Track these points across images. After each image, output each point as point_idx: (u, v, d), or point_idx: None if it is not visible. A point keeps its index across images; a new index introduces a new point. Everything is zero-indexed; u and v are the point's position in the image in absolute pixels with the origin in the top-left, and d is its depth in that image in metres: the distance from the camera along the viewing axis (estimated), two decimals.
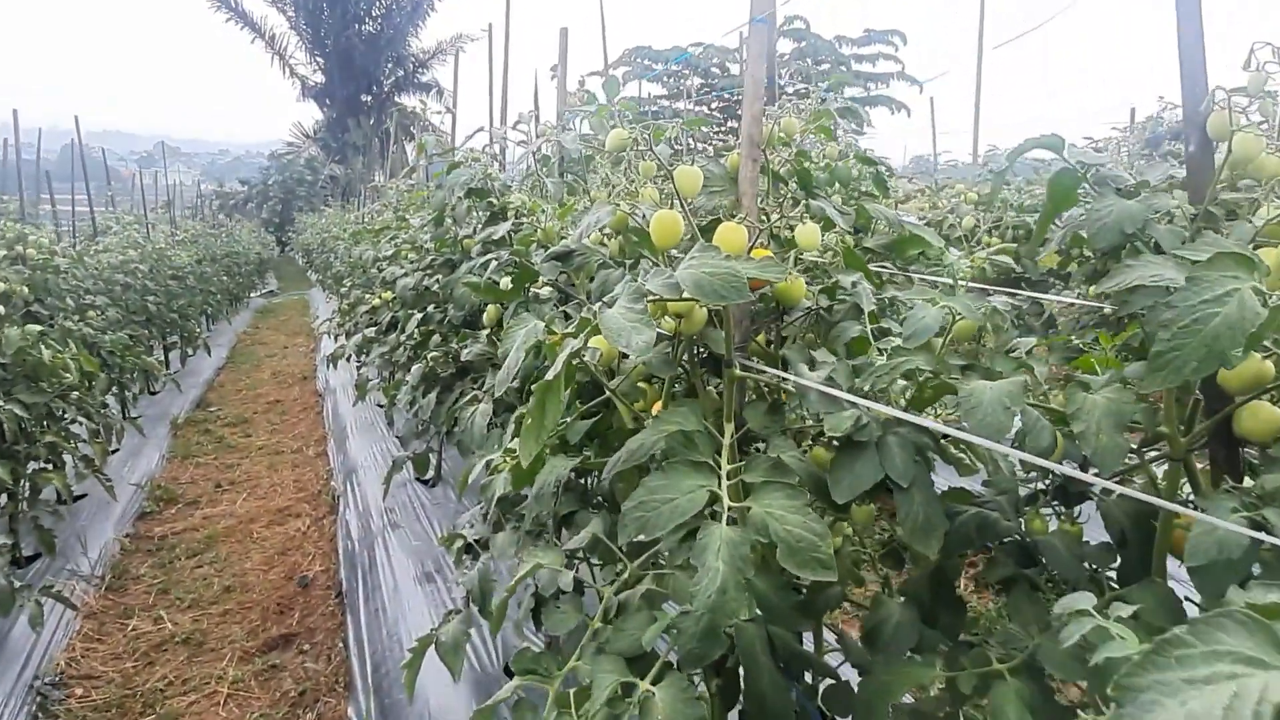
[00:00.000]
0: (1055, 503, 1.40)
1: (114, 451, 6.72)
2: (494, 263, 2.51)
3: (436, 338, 4.10)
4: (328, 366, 7.89)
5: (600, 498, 1.98)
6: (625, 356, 1.57)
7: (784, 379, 1.29)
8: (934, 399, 1.29)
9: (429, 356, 4.00)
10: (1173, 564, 1.35)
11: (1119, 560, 1.29)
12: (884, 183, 2.23)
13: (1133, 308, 1.22)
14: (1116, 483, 1.23)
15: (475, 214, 3.21)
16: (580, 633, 1.36)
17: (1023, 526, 1.36)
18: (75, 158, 8.46)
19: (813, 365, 1.38)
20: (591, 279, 1.69)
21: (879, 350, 1.32)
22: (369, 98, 33.89)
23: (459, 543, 2.57)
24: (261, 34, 32.77)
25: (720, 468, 1.18)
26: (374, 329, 5.49)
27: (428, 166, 5.14)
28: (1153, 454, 1.29)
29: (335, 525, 5.23)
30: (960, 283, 1.29)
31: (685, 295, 1.13)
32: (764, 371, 1.33)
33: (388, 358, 5.08)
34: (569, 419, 1.74)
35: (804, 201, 1.52)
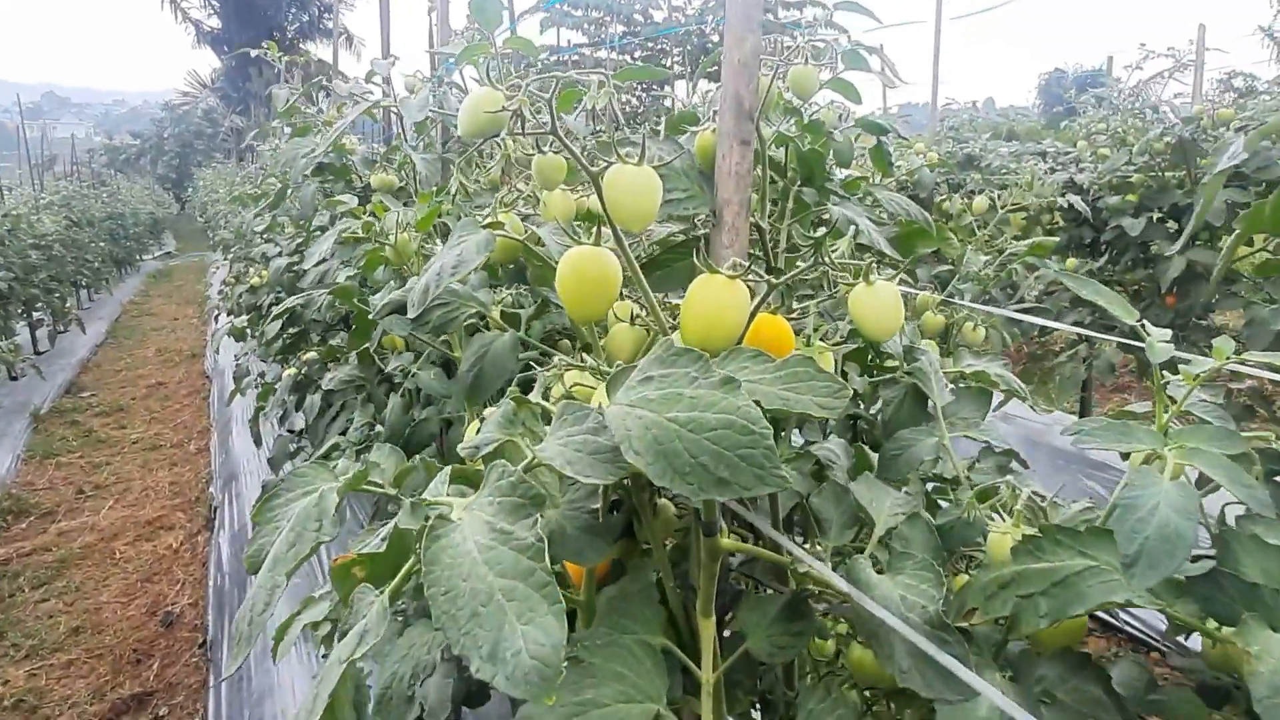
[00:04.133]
0: None
1: None
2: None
3: (315, 336, 3.38)
4: (214, 347, 7.05)
5: None
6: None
7: (829, 584, 0.67)
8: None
9: (304, 358, 3.29)
10: None
11: None
12: (887, 158, 1.62)
13: None
14: None
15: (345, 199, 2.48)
16: None
17: None
18: None
19: (854, 527, 0.76)
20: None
21: (991, 511, 0.71)
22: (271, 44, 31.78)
23: (326, 628, 1.94)
24: None
25: None
26: (250, 313, 4.70)
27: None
28: None
29: (209, 545, 4.49)
30: (1173, 385, 0.69)
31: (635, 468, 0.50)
32: (779, 554, 0.71)
33: (266, 349, 4.32)
34: None
35: (818, 207, 0.89)
